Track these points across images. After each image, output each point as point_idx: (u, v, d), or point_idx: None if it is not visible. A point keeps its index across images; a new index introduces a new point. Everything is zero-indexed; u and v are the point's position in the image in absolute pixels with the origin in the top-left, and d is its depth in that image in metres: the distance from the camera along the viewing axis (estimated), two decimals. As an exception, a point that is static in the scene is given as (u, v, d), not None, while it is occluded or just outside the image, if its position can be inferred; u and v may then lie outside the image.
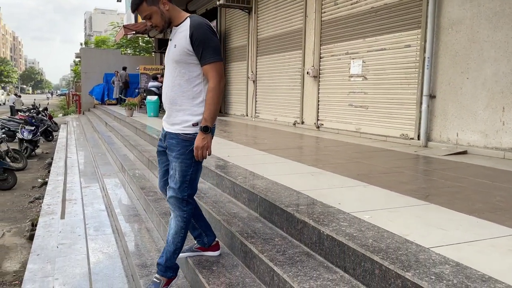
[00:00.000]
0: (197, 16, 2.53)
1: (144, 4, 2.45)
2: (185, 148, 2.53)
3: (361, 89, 7.26)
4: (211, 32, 2.46)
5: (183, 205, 2.58)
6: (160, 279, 2.65)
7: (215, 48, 2.44)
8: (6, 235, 5.55)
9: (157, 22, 2.51)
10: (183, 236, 2.62)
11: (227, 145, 6.20)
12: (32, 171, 9.94)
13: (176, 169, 2.56)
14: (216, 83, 2.45)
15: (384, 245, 2.12)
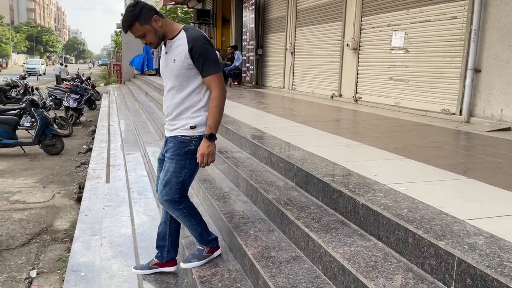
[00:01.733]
0: (192, 28, 2.57)
1: (136, 24, 2.48)
2: (181, 149, 2.61)
3: (402, 62, 7.09)
4: (209, 44, 2.53)
5: (177, 205, 2.66)
6: (204, 247, 2.82)
7: (214, 59, 2.52)
8: (56, 196, 5.94)
9: (152, 40, 2.54)
10: (196, 221, 2.74)
11: (264, 117, 6.28)
12: (77, 137, 10.42)
13: (169, 170, 2.62)
14: (219, 92, 2.52)
15: (418, 215, 2.16)
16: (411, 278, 1.89)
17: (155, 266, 3.02)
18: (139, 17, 2.46)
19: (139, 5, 2.48)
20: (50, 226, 4.88)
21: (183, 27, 2.58)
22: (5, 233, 4.63)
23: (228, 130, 5.18)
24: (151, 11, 2.50)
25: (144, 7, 2.49)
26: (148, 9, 2.50)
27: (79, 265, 3.54)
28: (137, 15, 2.46)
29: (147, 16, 2.47)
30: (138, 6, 2.47)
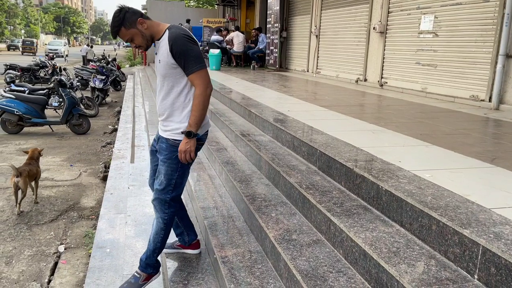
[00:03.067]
0: (175, 27, 2.54)
1: (122, 29, 2.51)
2: (172, 153, 2.62)
3: (430, 47, 6.90)
4: (190, 41, 2.48)
5: (165, 208, 2.68)
6: (141, 274, 2.78)
7: (196, 56, 2.47)
8: (83, 175, 6.09)
9: (140, 43, 2.56)
10: (163, 237, 2.73)
11: (287, 100, 6.25)
12: (103, 118, 10.61)
13: (162, 172, 2.66)
14: (202, 89, 2.49)
15: (443, 203, 2.13)
16: (434, 265, 1.88)
17: (178, 247, 3.09)
18: (124, 21, 2.49)
19: (123, 10, 2.51)
20: (77, 204, 5.03)
21: (168, 27, 2.56)
22: (34, 209, 4.79)
23: (251, 113, 5.18)
24: (135, 14, 2.52)
25: (128, 11, 2.51)
26: (133, 12, 2.52)
27: (104, 242, 3.65)
28: (122, 20, 2.49)
29: (132, 20, 2.49)
30: (123, 11, 2.50)
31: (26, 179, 4.63)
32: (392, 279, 1.83)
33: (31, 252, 3.88)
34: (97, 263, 3.33)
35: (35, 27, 69.59)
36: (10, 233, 4.21)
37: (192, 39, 2.51)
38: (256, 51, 13.62)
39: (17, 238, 4.12)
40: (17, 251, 3.89)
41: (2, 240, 4.07)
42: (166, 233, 2.75)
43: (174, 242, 3.13)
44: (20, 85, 9.33)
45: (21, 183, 4.56)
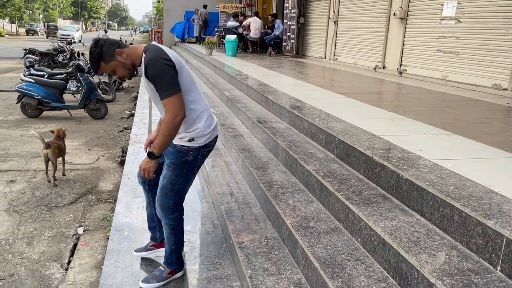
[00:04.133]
0: (150, 49, 2.42)
1: (102, 64, 2.45)
2: (178, 158, 2.60)
3: (452, 33, 6.73)
4: (163, 64, 2.36)
5: (168, 213, 2.67)
6: (165, 268, 2.81)
7: (168, 81, 2.36)
8: (101, 159, 6.17)
9: (122, 73, 2.51)
10: (175, 239, 2.73)
11: (304, 87, 6.19)
12: (120, 103, 10.70)
13: (166, 177, 2.64)
14: (171, 117, 2.39)
15: (466, 193, 2.09)
16: (455, 256, 1.85)
17: (152, 247, 3.11)
18: (102, 56, 2.43)
19: (99, 44, 2.43)
20: (95, 187, 5.10)
21: (143, 49, 2.46)
22: (54, 192, 4.88)
23: (267, 99, 5.15)
24: (113, 46, 2.45)
25: (104, 45, 2.44)
26: (110, 45, 2.45)
27: (122, 225, 3.69)
28: (100, 54, 2.42)
29: (110, 53, 2.43)
30: (99, 45, 2.43)
31: (55, 151, 5.04)
32: (412, 268, 1.81)
33: (51, 234, 3.96)
34: (115, 246, 3.38)
35: (53, 12, 70.13)
36: (31, 215, 4.30)
37: (166, 60, 2.38)
38: (272, 38, 13.49)
39: (37, 220, 4.20)
40: (38, 232, 3.97)
41: (23, 221, 4.16)
42: (177, 236, 2.74)
43: (147, 244, 3.16)
44: (39, 69, 9.44)
45: (50, 154, 4.97)
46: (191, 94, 2.53)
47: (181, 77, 2.44)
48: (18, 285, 3.17)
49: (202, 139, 2.60)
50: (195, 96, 2.56)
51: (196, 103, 2.56)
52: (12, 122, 8.09)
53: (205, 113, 2.61)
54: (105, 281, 2.91)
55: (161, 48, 2.44)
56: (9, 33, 50.36)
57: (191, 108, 2.52)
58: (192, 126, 2.56)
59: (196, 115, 2.56)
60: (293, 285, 2.24)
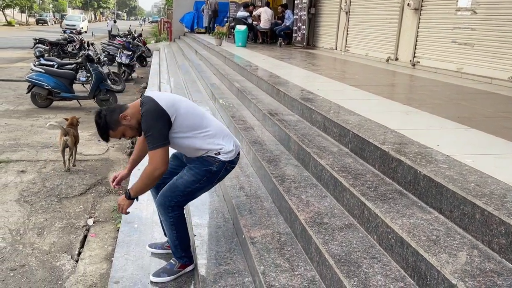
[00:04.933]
0: (144, 103, 2.48)
1: (111, 132, 2.55)
2: (203, 165, 2.64)
3: (468, 25, 6.57)
4: (153, 118, 2.43)
5: (168, 211, 2.63)
6: (176, 262, 2.79)
7: (154, 135, 2.43)
8: (110, 150, 6.15)
9: (131, 134, 2.61)
10: (177, 235, 2.69)
11: (316, 79, 6.11)
12: (129, 94, 10.67)
13: (183, 177, 2.65)
14: (151, 169, 2.46)
15: (487, 190, 2.02)
16: (477, 256, 1.79)
17: (168, 248, 3.06)
18: (108, 125, 2.51)
19: (102, 115, 2.51)
20: (105, 178, 5.09)
21: (140, 104, 2.52)
22: (64, 182, 4.87)
23: (279, 91, 5.07)
24: (115, 112, 2.52)
25: (107, 115, 2.51)
26: (112, 112, 2.52)
27: (132, 217, 3.67)
28: (106, 125, 2.51)
29: (114, 120, 2.50)
30: (102, 117, 2.50)
31: (73, 138, 5.20)
32: (432, 268, 1.75)
33: (61, 225, 3.95)
34: (126, 238, 3.37)
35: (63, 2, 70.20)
36: (42, 205, 4.30)
37: (156, 112, 2.44)
38: (282, 29, 13.35)
39: (48, 210, 4.20)
40: (48, 223, 3.97)
41: (34, 211, 4.16)
42: (179, 231, 2.70)
43: (164, 242, 3.12)
44: (49, 59, 9.43)
45: (69, 141, 5.12)
46: (201, 126, 2.62)
47: (179, 118, 2.52)
48: (29, 276, 3.17)
49: (229, 154, 2.68)
50: (206, 124, 2.65)
51: (207, 130, 2.64)
52: (22, 112, 8.11)
53: (221, 133, 2.70)
54: (115, 274, 2.89)
55: (153, 100, 2.48)
56: (19, 22, 50.56)
57: (201, 137, 2.60)
58: (215, 146, 2.64)
59: (213, 140, 2.64)
60: (306, 282, 2.20)
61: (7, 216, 4.03)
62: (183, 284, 2.71)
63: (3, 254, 3.43)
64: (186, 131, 2.57)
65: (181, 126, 2.54)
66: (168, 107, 2.47)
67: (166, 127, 2.47)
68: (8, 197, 4.42)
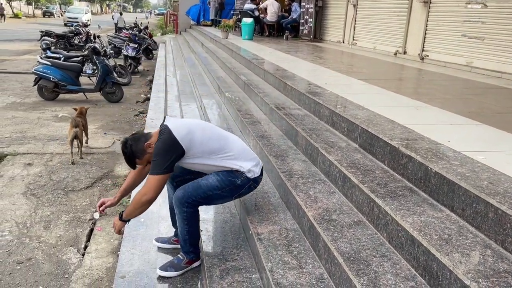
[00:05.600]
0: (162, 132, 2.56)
1: (137, 161, 2.64)
2: (229, 175, 2.65)
3: (478, 18, 6.47)
4: (164, 147, 2.52)
5: (183, 206, 2.61)
6: (184, 257, 2.76)
7: (158, 163, 2.51)
8: (116, 143, 6.14)
9: None
10: (188, 230, 2.66)
11: (323, 72, 6.05)
12: (135, 86, 10.66)
13: (208, 180, 2.65)
14: (142, 192, 2.55)
15: (501, 188, 1.98)
16: (490, 255, 1.75)
17: (175, 242, 3.05)
18: (134, 154, 2.60)
19: (128, 144, 2.60)
20: (111, 172, 5.08)
21: (159, 131, 2.60)
22: (70, 176, 4.87)
23: (286, 85, 5.02)
24: (139, 141, 2.60)
25: (132, 144, 2.60)
26: (137, 141, 2.60)
27: (139, 212, 3.65)
28: (132, 154, 2.60)
29: (140, 149, 2.59)
30: (128, 147, 2.60)
31: (82, 129, 5.39)
32: (444, 268, 1.71)
33: (68, 218, 3.95)
34: (132, 232, 3.35)
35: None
36: (48, 198, 4.30)
37: (168, 146, 2.52)
38: (289, 21, 13.24)
39: (54, 204, 4.20)
40: (55, 216, 3.97)
41: (40, 205, 4.16)
42: (191, 226, 2.67)
43: (171, 237, 3.11)
44: (55, 51, 9.43)
45: (79, 132, 5.27)
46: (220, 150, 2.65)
47: (195, 146, 2.58)
48: (36, 269, 3.17)
49: (251, 173, 2.69)
50: (227, 147, 2.68)
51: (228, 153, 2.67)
52: (29, 105, 8.13)
53: (244, 156, 2.72)
54: (121, 268, 2.88)
55: (170, 132, 2.53)
56: (26, 15, 50.64)
57: (225, 158, 2.65)
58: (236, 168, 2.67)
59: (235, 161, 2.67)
60: (315, 280, 2.17)
61: (14, 209, 4.04)
62: (189, 279, 2.69)
63: (10, 247, 3.43)
64: (204, 156, 2.63)
65: (198, 153, 2.60)
66: (182, 138, 2.54)
67: (174, 159, 2.55)
68: (14, 190, 4.43)
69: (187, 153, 2.56)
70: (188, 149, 2.55)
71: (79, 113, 5.63)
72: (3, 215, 3.91)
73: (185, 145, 2.54)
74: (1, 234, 3.61)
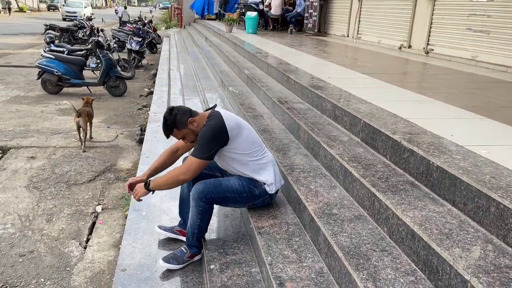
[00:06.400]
0: (213, 117, 2.60)
1: (175, 131, 2.64)
2: (249, 183, 2.69)
3: (484, 11, 6.40)
4: (213, 132, 2.55)
5: (201, 201, 2.60)
6: (187, 250, 2.76)
7: (203, 147, 2.55)
8: (120, 137, 6.15)
9: (191, 139, 2.69)
10: (199, 224, 2.65)
11: (327, 66, 6.01)
12: (139, 80, 10.65)
13: (230, 181, 2.68)
14: (180, 172, 2.59)
15: (504, 183, 1.95)
16: (491, 250, 1.73)
17: (177, 232, 3.05)
18: (176, 124, 2.62)
19: (174, 112, 2.62)
20: (114, 165, 5.09)
21: (208, 116, 2.64)
22: (73, 169, 4.88)
23: (289, 79, 5.00)
24: (185, 115, 2.63)
25: (177, 114, 2.62)
26: (183, 113, 2.64)
27: (140, 205, 3.65)
28: (173, 122, 2.61)
29: (183, 121, 2.61)
30: (173, 114, 2.62)
31: (85, 118, 5.52)
32: (444, 263, 1.70)
33: (70, 211, 3.96)
34: (133, 226, 3.35)
35: (74, -12, 69.95)
36: (51, 192, 4.31)
37: (217, 133, 2.55)
38: (294, 15, 13.16)
39: (57, 197, 4.21)
40: (57, 209, 3.98)
41: (43, 198, 4.17)
42: (203, 221, 2.67)
43: (173, 226, 3.10)
44: (59, 45, 9.42)
45: (82, 122, 5.42)
46: (256, 153, 2.70)
47: (239, 140, 2.62)
48: (38, 262, 3.19)
49: (271, 187, 2.72)
50: (262, 153, 2.73)
51: (261, 158, 2.71)
52: (33, 98, 8.14)
53: (270, 167, 2.74)
54: (122, 261, 2.88)
55: (221, 118, 2.59)
56: (30, 8, 50.67)
57: (256, 163, 2.69)
58: (259, 178, 2.70)
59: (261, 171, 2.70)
60: (314, 274, 2.16)
61: (17, 202, 4.05)
62: (189, 273, 2.69)
63: (12, 239, 3.45)
64: (240, 154, 2.66)
65: (237, 149, 2.64)
66: (231, 129, 2.59)
67: (218, 146, 2.59)
68: (17, 183, 4.45)
69: (228, 145, 2.60)
70: (231, 142, 2.59)
71: (85, 103, 5.80)
72: (6, 208, 3.93)
73: (231, 136, 2.58)
74: (4, 227, 3.62)
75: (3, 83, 9.38)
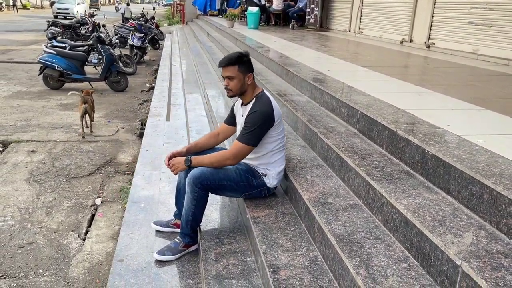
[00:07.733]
0: (262, 100, 2.64)
1: (235, 67, 2.64)
2: (248, 172, 2.70)
3: (485, 4, 6.35)
4: (263, 119, 2.58)
5: (198, 186, 2.58)
6: (180, 241, 2.76)
7: (253, 134, 2.57)
8: (120, 131, 6.17)
9: (234, 87, 2.67)
10: (194, 211, 2.64)
11: (327, 60, 5.99)
12: (140, 76, 10.67)
13: (227, 169, 2.67)
14: (227, 156, 2.63)
15: (497, 170, 1.94)
16: (484, 237, 1.73)
17: (173, 226, 3.05)
18: (242, 64, 2.64)
19: (248, 56, 2.70)
20: (114, 159, 5.10)
21: (256, 95, 2.69)
22: (73, 163, 4.90)
23: (288, 72, 4.99)
24: (251, 67, 2.71)
25: (250, 60, 2.71)
26: (251, 64, 2.72)
27: (139, 197, 3.68)
28: (242, 62, 2.65)
29: (246, 68, 2.66)
30: (248, 56, 2.69)
31: (91, 105, 5.86)
32: (436, 249, 1.69)
33: (69, 204, 3.98)
34: (132, 218, 3.37)
35: (77, -15, 70.03)
36: (51, 185, 4.33)
37: (267, 118, 2.59)
38: (295, 11, 13.13)
39: (57, 190, 4.23)
40: (57, 202, 4.00)
41: (43, 191, 4.19)
42: (198, 208, 2.65)
43: (169, 220, 3.10)
44: (61, 41, 9.45)
45: (88, 108, 5.75)
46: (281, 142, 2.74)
47: (277, 130, 2.68)
48: (37, 253, 3.20)
49: (270, 180, 2.74)
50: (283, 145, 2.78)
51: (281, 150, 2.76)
52: (34, 94, 8.17)
53: (281, 162, 2.78)
54: (119, 252, 2.90)
55: (270, 104, 2.65)
56: (34, 5, 50.77)
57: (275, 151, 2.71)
58: (267, 166, 2.73)
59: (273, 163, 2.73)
60: (308, 262, 2.16)
61: (17, 195, 4.07)
62: (186, 263, 2.70)
63: (11, 231, 3.47)
64: (271, 141, 2.68)
65: (272, 135, 2.67)
66: (276, 114, 2.65)
67: (265, 132, 2.63)
68: (18, 176, 4.47)
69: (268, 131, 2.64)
70: (272, 129, 2.64)
71: (86, 93, 5.98)
72: (6, 201, 3.95)
73: (274, 124, 2.63)
74: (4, 219, 3.64)
75: (5, 79, 9.42)
